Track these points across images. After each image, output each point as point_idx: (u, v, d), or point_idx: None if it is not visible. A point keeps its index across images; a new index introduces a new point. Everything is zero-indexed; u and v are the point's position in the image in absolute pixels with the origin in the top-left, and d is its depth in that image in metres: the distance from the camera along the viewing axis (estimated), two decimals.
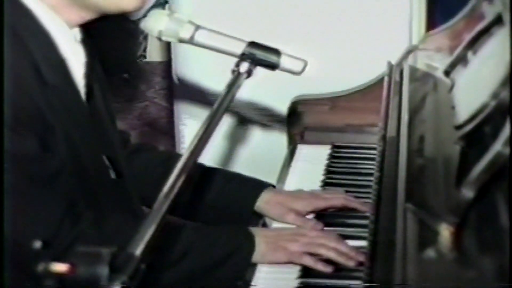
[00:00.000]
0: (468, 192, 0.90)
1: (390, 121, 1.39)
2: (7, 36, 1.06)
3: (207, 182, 1.37)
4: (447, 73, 1.31)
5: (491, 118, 1.00)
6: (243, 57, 1.06)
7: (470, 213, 0.91)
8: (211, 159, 1.67)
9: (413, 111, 1.34)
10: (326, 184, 1.46)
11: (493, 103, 1.00)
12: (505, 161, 0.88)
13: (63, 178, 1.09)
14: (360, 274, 1.09)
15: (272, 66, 1.08)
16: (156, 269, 1.07)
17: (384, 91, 1.53)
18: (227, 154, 1.86)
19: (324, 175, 1.49)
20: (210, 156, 1.62)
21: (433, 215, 0.97)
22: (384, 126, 1.40)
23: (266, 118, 1.84)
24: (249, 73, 1.05)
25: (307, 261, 1.17)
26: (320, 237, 1.21)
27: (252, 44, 1.07)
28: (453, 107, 1.16)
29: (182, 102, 2.00)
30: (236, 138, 1.86)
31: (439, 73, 1.34)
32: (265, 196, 1.35)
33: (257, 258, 1.18)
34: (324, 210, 1.34)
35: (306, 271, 1.17)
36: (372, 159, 1.42)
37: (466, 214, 0.91)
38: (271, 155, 1.66)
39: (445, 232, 0.92)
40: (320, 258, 1.17)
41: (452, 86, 1.25)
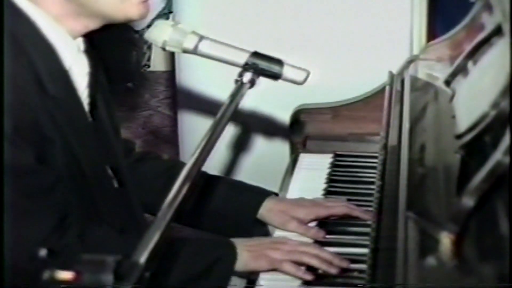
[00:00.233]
0: (469, 201, 0.90)
1: (392, 130, 1.40)
2: (8, 46, 1.06)
3: (211, 190, 1.38)
4: (448, 83, 1.31)
5: (491, 128, 1.01)
6: (246, 67, 1.07)
7: (471, 222, 0.91)
8: (215, 168, 1.68)
9: (414, 121, 1.35)
10: (328, 193, 1.46)
11: (493, 113, 1.01)
12: (505, 170, 0.89)
13: (58, 191, 1.09)
14: (362, 282, 1.10)
15: (275, 76, 1.09)
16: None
17: (386, 101, 1.54)
18: (231, 163, 1.86)
19: (326, 184, 1.50)
20: (214, 165, 1.63)
21: (434, 224, 0.97)
22: (386, 135, 1.41)
23: (269, 127, 1.85)
24: (252, 83, 1.06)
25: (289, 269, 1.17)
26: (302, 245, 1.22)
27: (255, 54, 1.08)
28: (454, 117, 1.17)
29: (186, 111, 2.01)
30: (240, 147, 1.87)
31: (440, 83, 1.35)
32: (268, 204, 1.36)
33: (240, 267, 1.18)
34: (326, 218, 1.35)
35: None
36: (374, 168, 1.43)
37: (467, 223, 0.91)
38: (274, 164, 1.67)
39: (446, 240, 0.92)
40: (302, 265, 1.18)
41: (453, 96, 1.26)
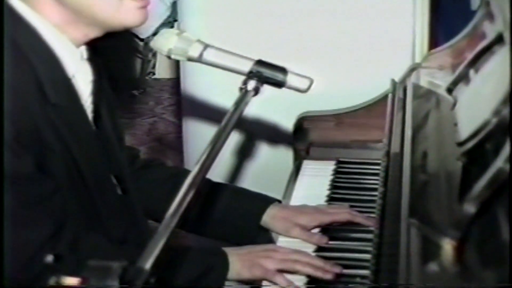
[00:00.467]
0: (470, 208, 0.91)
1: (394, 137, 1.40)
2: (10, 54, 1.05)
3: (215, 197, 1.38)
4: (450, 91, 1.32)
5: (493, 135, 1.02)
6: (251, 75, 1.07)
7: (472, 228, 0.92)
8: (219, 174, 1.68)
9: (417, 128, 1.35)
10: (331, 199, 1.47)
11: (495, 120, 1.02)
12: (507, 177, 0.90)
13: (56, 199, 1.08)
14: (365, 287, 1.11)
15: (279, 84, 1.09)
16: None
17: (388, 108, 1.54)
18: (235, 170, 1.87)
19: (329, 190, 1.50)
20: (218, 172, 1.64)
21: (436, 230, 0.98)
22: (388, 142, 1.41)
23: (273, 134, 1.86)
24: (256, 91, 1.06)
25: (280, 281, 1.18)
26: (293, 253, 1.22)
27: (259, 63, 1.08)
28: (456, 124, 1.17)
29: (190, 118, 2.02)
30: (244, 154, 1.88)
31: (442, 91, 1.36)
32: (271, 211, 1.36)
33: (233, 276, 1.19)
34: (329, 225, 1.35)
35: (313, 278, 1.19)
36: (376, 175, 1.43)
37: (468, 229, 0.92)
38: (278, 171, 1.67)
39: (448, 247, 0.92)
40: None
41: (455, 104, 1.27)
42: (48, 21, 1.12)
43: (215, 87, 1.80)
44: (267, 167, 1.85)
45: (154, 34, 1.11)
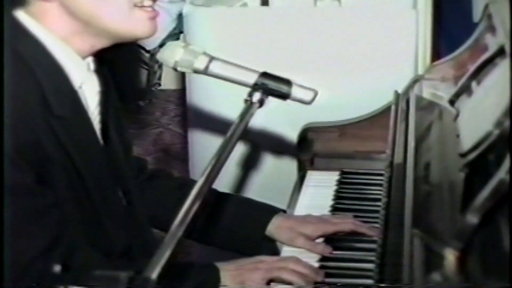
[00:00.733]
0: (473, 218, 0.92)
1: (397, 148, 1.41)
2: (14, 66, 1.05)
3: (220, 207, 1.39)
4: (452, 102, 1.33)
5: (495, 146, 1.02)
6: (256, 87, 1.08)
7: (475, 239, 0.92)
8: (225, 185, 1.69)
9: (419, 139, 1.36)
10: (335, 209, 1.47)
11: (497, 132, 1.03)
12: (508, 188, 0.91)
13: (55, 212, 1.08)
14: None
15: (284, 96, 1.10)
16: None
17: (391, 119, 1.55)
18: (240, 180, 1.88)
19: (333, 200, 1.51)
20: (224, 182, 1.65)
21: (439, 240, 0.98)
22: (391, 153, 1.42)
23: (277, 146, 1.87)
24: (261, 103, 1.07)
25: None
26: (279, 261, 1.23)
27: (264, 75, 1.09)
28: (458, 135, 1.18)
29: (196, 129, 2.04)
30: (249, 165, 1.89)
31: (444, 102, 1.37)
32: (276, 221, 1.37)
33: None
34: (333, 235, 1.36)
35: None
36: (380, 185, 1.44)
37: (471, 240, 0.92)
38: (282, 181, 1.68)
39: (450, 257, 0.93)
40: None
41: (457, 115, 1.28)
42: (54, 33, 1.12)
43: (221, 99, 1.81)
44: (272, 178, 1.87)
45: (160, 46, 1.12)
